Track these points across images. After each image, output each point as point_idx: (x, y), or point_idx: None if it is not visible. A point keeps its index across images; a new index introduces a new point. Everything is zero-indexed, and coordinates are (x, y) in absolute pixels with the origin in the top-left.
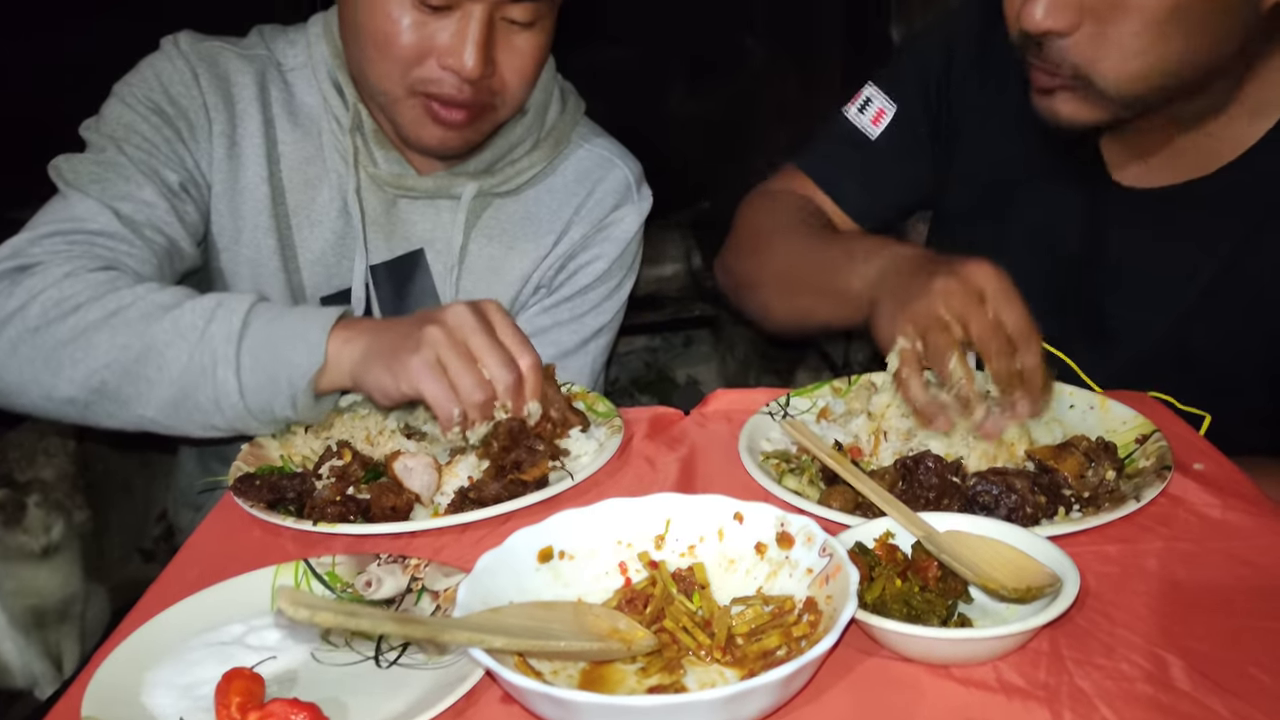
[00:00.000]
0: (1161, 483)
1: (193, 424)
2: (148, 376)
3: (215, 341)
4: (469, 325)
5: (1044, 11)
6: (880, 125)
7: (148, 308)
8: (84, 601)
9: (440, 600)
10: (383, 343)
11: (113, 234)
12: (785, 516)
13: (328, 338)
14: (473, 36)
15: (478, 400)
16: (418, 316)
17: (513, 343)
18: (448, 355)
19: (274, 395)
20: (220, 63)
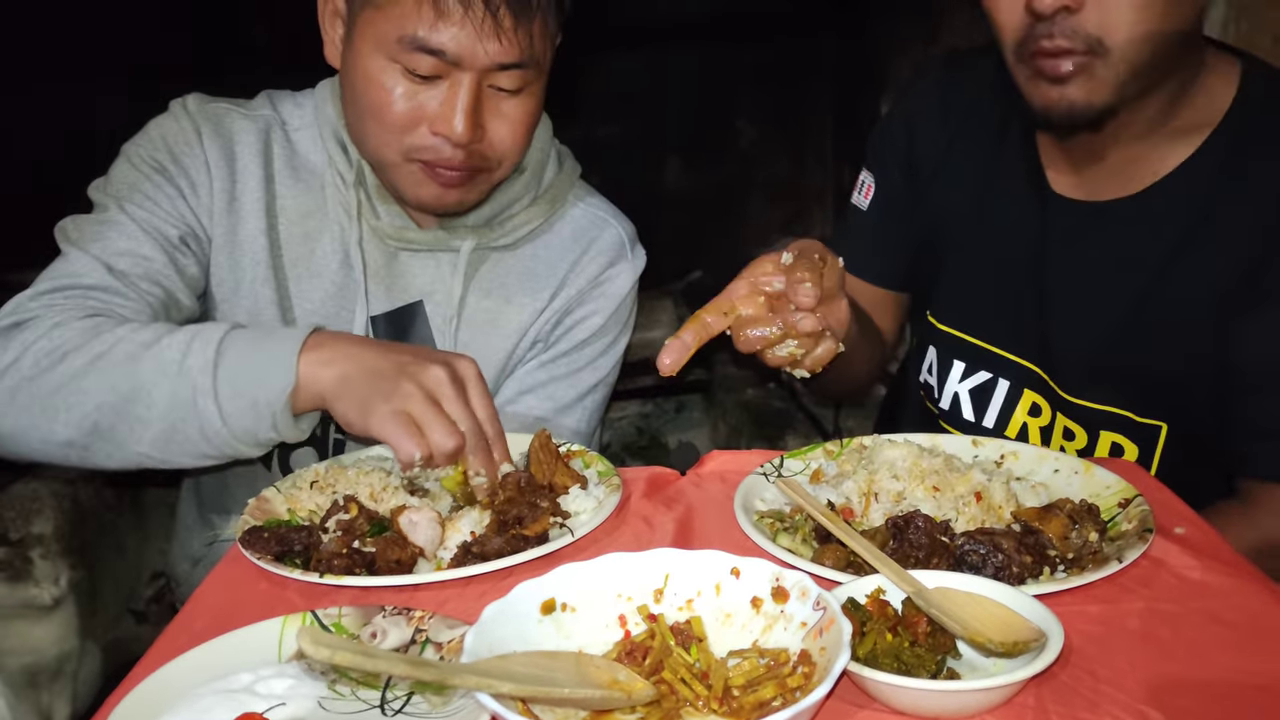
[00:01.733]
0: (1143, 545)
1: (186, 455)
2: (137, 414)
3: (193, 373)
4: (444, 391)
5: None
6: (868, 199)
7: (130, 347)
8: (78, 660)
9: (444, 651)
10: (358, 378)
11: (106, 288)
12: (780, 572)
13: (298, 358)
14: (461, 104)
15: (448, 448)
16: (395, 362)
17: (483, 413)
18: (419, 410)
19: (255, 420)
20: (224, 122)
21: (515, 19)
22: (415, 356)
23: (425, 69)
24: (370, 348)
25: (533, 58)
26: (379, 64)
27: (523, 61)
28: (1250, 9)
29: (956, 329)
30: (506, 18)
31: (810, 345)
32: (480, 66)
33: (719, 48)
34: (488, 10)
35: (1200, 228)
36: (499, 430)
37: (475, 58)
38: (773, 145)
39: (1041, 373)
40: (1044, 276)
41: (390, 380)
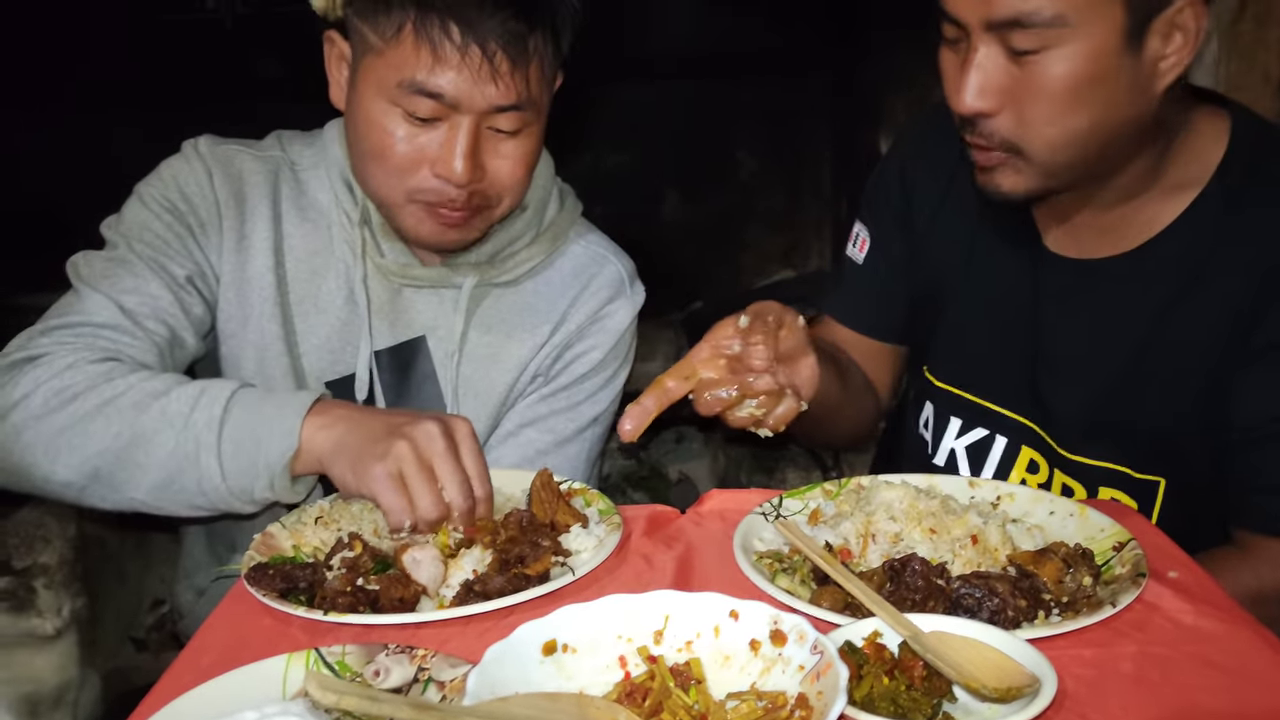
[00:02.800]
0: (1137, 589)
1: (179, 505)
2: (138, 462)
3: (198, 429)
4: (436, 446)
5: (972, 96)
6: (863, 253)
7: (138, 396)
8: (78, 689)
9: (446, 690)
10: (353, 440)
11: (116, 326)
12: (778, 615)
13: (302, 424)
14: (460, 146)
15: (431, 519)
16: (388, 423)
17: (474, 470)
18: (410, 471)
19: (253, 479)
20: (235, 163)
21: (512, 63)
22: (410, 417)
23: (425, 112)
24: (370, 413)
25: (529, 100)
26: (380, 107)
27: (519, 104)
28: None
29: (953, 385)
30: (503, 62)
31: (770, 405)
32: (478, 109)
33: (718, 83)
34: (484, 55)
35: (1194, 284)
36: (488, 492)
37: (473, 101)
38: (771, 178)
39: (1038, 429)
40: (1039, 334)
41: (383, 441)
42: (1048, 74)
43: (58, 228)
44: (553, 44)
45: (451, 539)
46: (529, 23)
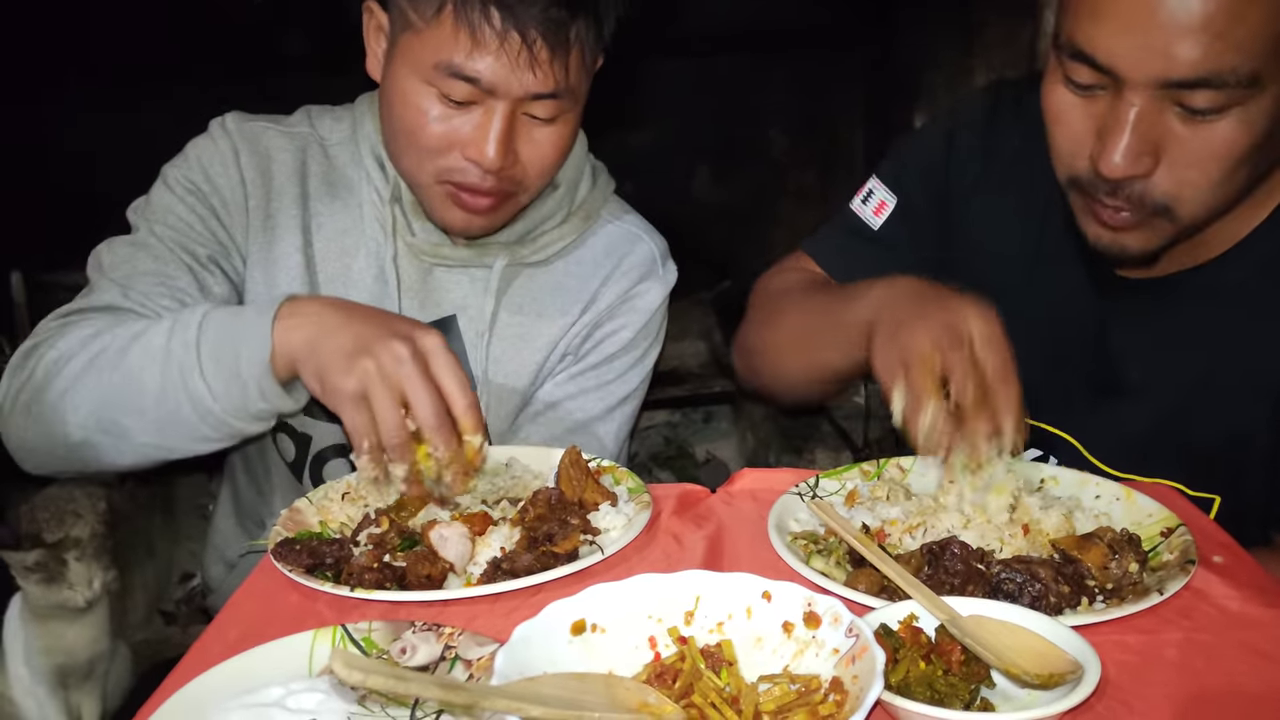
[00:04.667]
0: (1185, 576)
1: (189, 439)
2: (135, 405)
3: (178, 355)
4: (404, 368)
5: (1125, 160)
6: (881, 217)
7: (122, 342)
8: (109, 660)
9: (473, 668)
10: (323, 348)
11: (119, 307)
12: (812, 597)
13: (273, 325)
14: (495, 131)
15: (395, 443)
16: (357, 336)
17: (450, 385)
18: (376, 391)
19: (242, 392)
20: (262, 140)
21: (551, 51)
22: (380, 331)
23: (460, 95)
24: (340, 313)
25: (567, 89)
26: (415, 86)
27: (557, 92)
28: None
29: None
30: (542, 49)
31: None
32: (514, 95)
33: (751, 60)
34: (524, 42)
35: (1272, 296)
36: (471, 400)
37: (510, 87)
38: (804, 156)
39: (1085, 451)
40: (1104, 356)
41: (350, 357)
42: (1223, 137)
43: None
44: (594, 31)
45: (433, 461)
46: (571, 10)
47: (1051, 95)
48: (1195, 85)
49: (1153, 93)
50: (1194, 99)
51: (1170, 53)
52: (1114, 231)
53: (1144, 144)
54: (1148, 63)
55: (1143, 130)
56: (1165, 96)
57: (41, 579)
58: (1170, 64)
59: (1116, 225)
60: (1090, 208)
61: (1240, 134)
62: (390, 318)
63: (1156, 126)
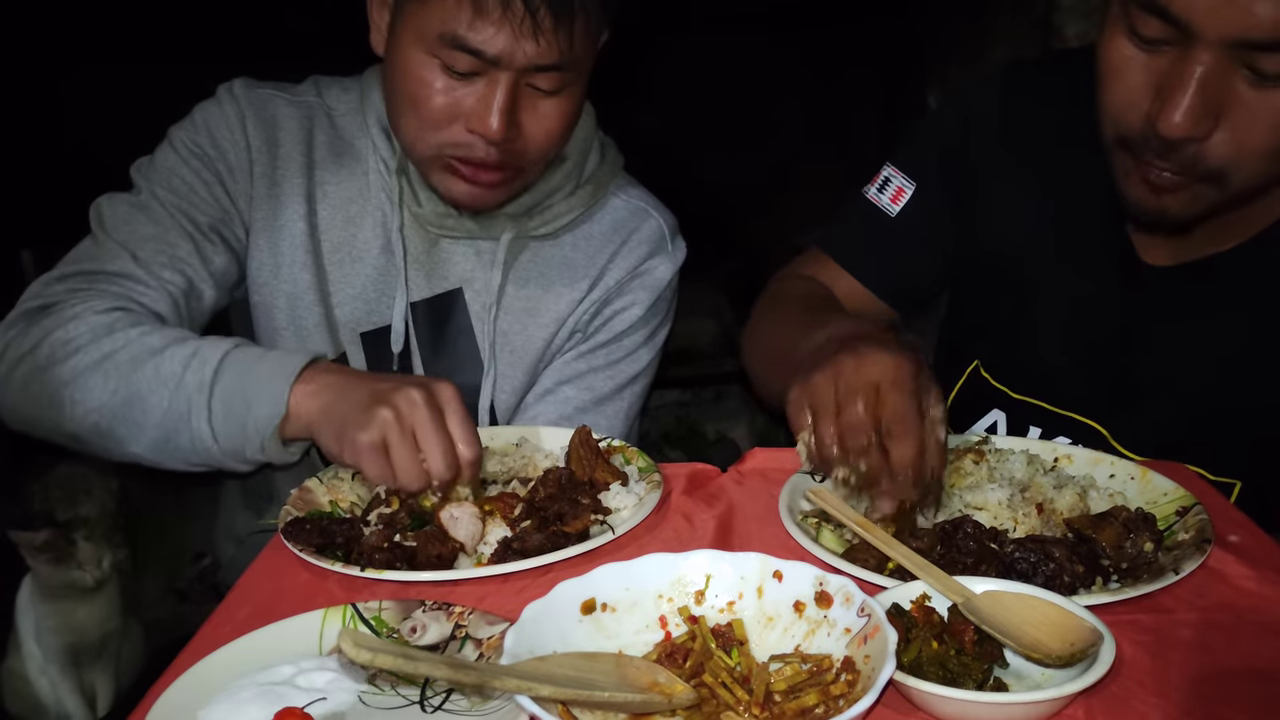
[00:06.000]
0: (1201, 556)
1: (177, 461)
2: (134, 420)
3: (189, 390)
4: (419, 413)
5: (1186, 121)
6: (900, 203)
7: (136, 351)
8: (120, 639)
9: (484, 648)
10: (339, 408)
11: (129, 275)
12: (824, 576)
13: (290, 390)
14: (498, 103)
15: (413, 489)
16: (373, 390)
17: (460, 434)
18: (394, 439)
19: (244, 442)
20: (269, 107)
21: (555, 20)
22: (395, 383)
23: (463, 66)
24: (356, 378)
25: (572, 60)
26: (419, 58)
27: (560, 64)
28: None
29: (1030, 396)
30: (546, 19)
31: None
32: (518, 66)
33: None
34: (527, 11)
35: None
36: (475, 455)
37: (513, 58)
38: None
39: (1107, 433)
40: (1127, 343)
41: (366, 410)
42: None
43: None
44: (598, 1)
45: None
46: None
47: (1111, 47)
48: (1270, 48)
49: (1223, 52)
50: (1265, 62)
51: (1252, 9)
52: (1158, 193)
53: (1206, 105)
54: (1226, 19)
55: (1207, 91)
56: (1235, 58)
57: (50, 559)
58: (1249, 21)
59: (1162, 186)
60: (1137, 168)
61: None
62: (405, 376)
63: (1221, 88)
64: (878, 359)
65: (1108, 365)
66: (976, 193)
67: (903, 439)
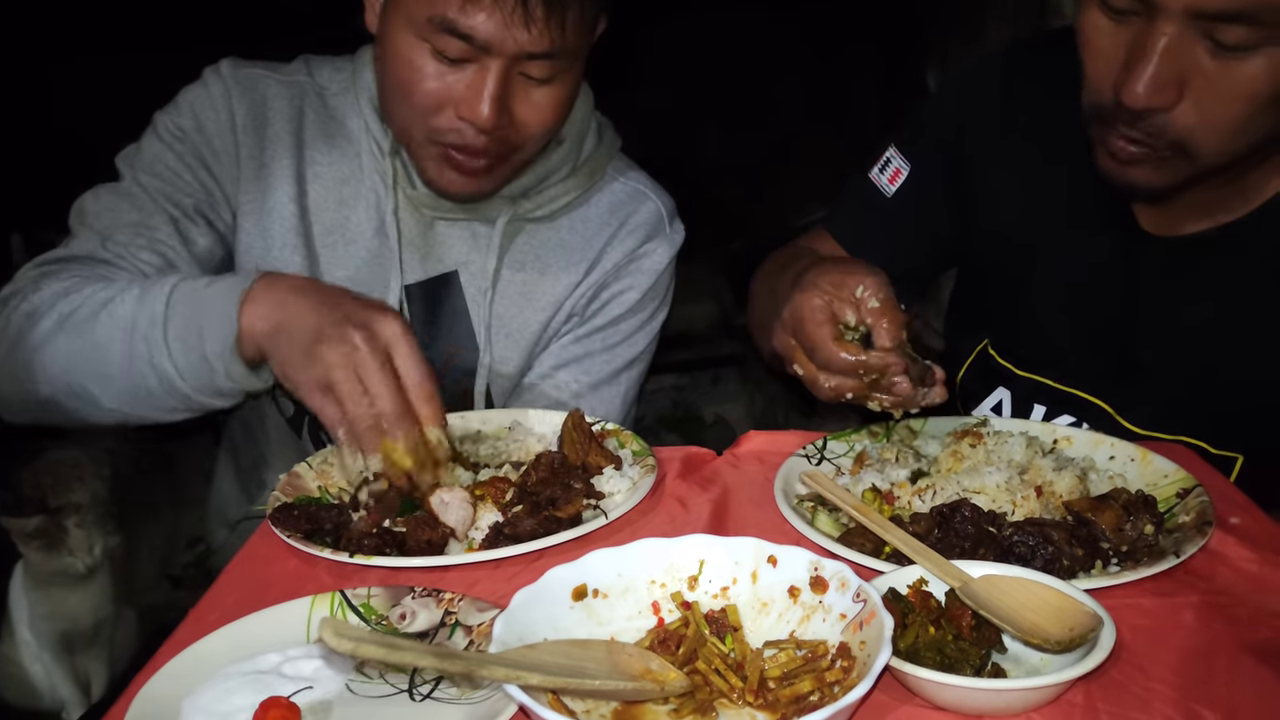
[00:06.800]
0: (1202, 538)
1: (157, 409)
2: (103, 373)
3: (143, 328)
4: (360, 354)
5: (1148, 89)
6: (896, 184)
7: (92, 306)
8: (114, 625)
9: (474, 635)
10: (287, 336)
11: (99, 258)
12: (819, 561)
13: (239, 309)
14: (489, 90)
15: (360, 429)
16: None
17: (411, 371)
18: (339, 379)
19: (209, 372)
20: (258, 87)
21: (547, 9)
22: (339, 317)
23: (454, 52)
24: (303, 297)
25: (564, 49)
26: (409, 42)
27: (552, 52)
28: None
29: (1035, 373)
30: (538, 7)
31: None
32: (509, 54)
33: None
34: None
35: None
36: (430, 391)
37: (504, 45)
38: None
39: (1111, 410)
40: (1134, 317)
41: (320, 343)
42: (1252, 75)
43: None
44: None
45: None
46: None
47: (1086, 17)
48: (1229, 19)
49: (1184, 23)
50: (1226, 33)
51: None
52: (1122, 165)
53: (1169, 75)
54: None
55: (1169, 61)
56: (1197, 29)
57: (42, 545)
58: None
59: (1125, 158)
60: (1105, 140)
61: (1268, 74)
62: (353, 304)
63: (1184, 59)
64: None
65: (1111, 340)
66: (975, 177)
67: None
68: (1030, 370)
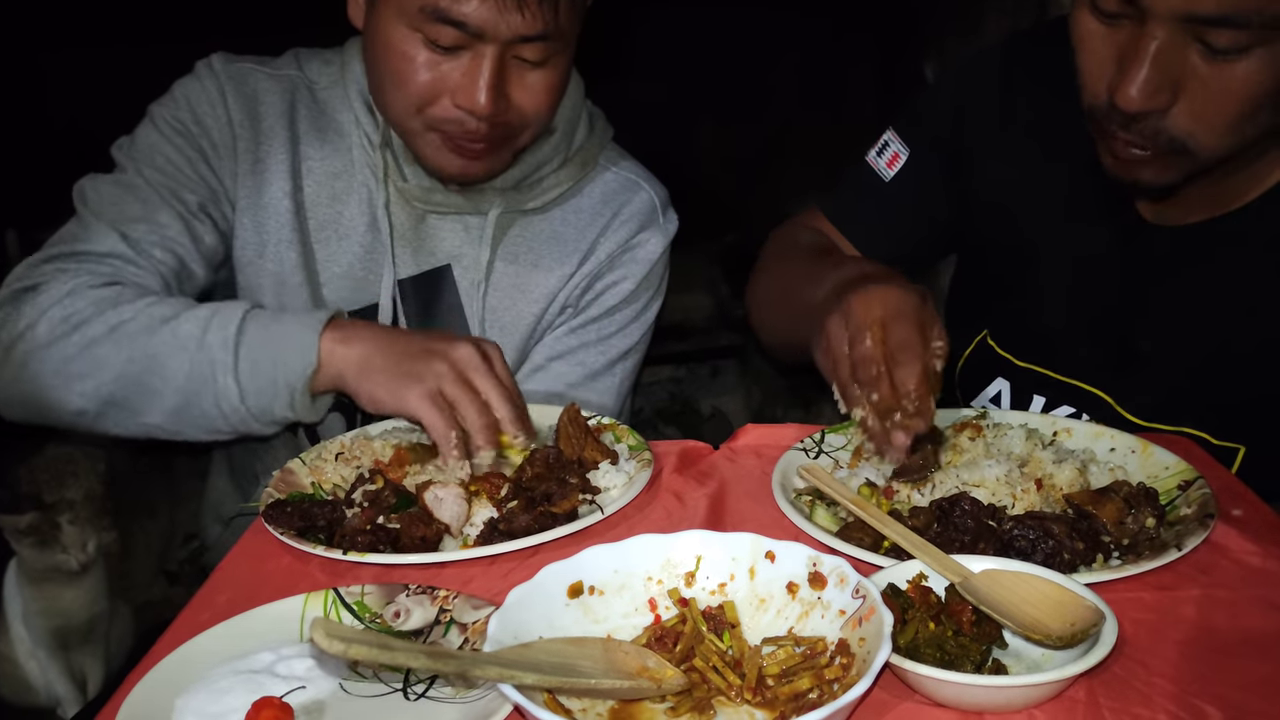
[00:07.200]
0: (1204, 531)
1: (197, 429)
2: (153, 387)
3: (213, 349)
4: (473, 364)
5: (1141, 94)
6: (894, 169)
7: (148, 320)
8: (109, 622)
9: (469, 633)
10: (383, 359)
11: (119, 255)
12: (818, 556)
13: (319, 339)
14: (484, 76)
15: (481, 425)
16: (420, 344)
17: (511, 383)
18: (450, 388)
19: (273, 397)
20: (249, 82)
21: None
22: (440, 337)
23: (447, 40)
24: (391, 331)
25: (557, 30)
26: (401, 32)
27: (546, 34)
28: None
29: (1035, 363)
30: None
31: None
32: (503, 39)
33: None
34: None
35: None
36: (525, 406)
37: (497, 30)
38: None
39: (1112, 401)
40: (1134, 307)
41: (419, 361)
42: (1245, 76)
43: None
44: None
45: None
46: None
47: (1078, 20)
48: (1218, 23)
49: (1175, 27)
50: (1216, 37)
51: None
52: (1126, 164)
53: (1162, 79)
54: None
55: (1162, 65)
56: (1188, 32)
57: (35, 542)
58: (1192, 1)
59: (1128, 159)
60: (1105, 140)
61: (1263, 75)
62: (441, 332)
63: (1177, 62)
64: (881, 295)
65: (1111, 329)
66: (974, 167)
67: (906, 364)
68: (1030, 361)
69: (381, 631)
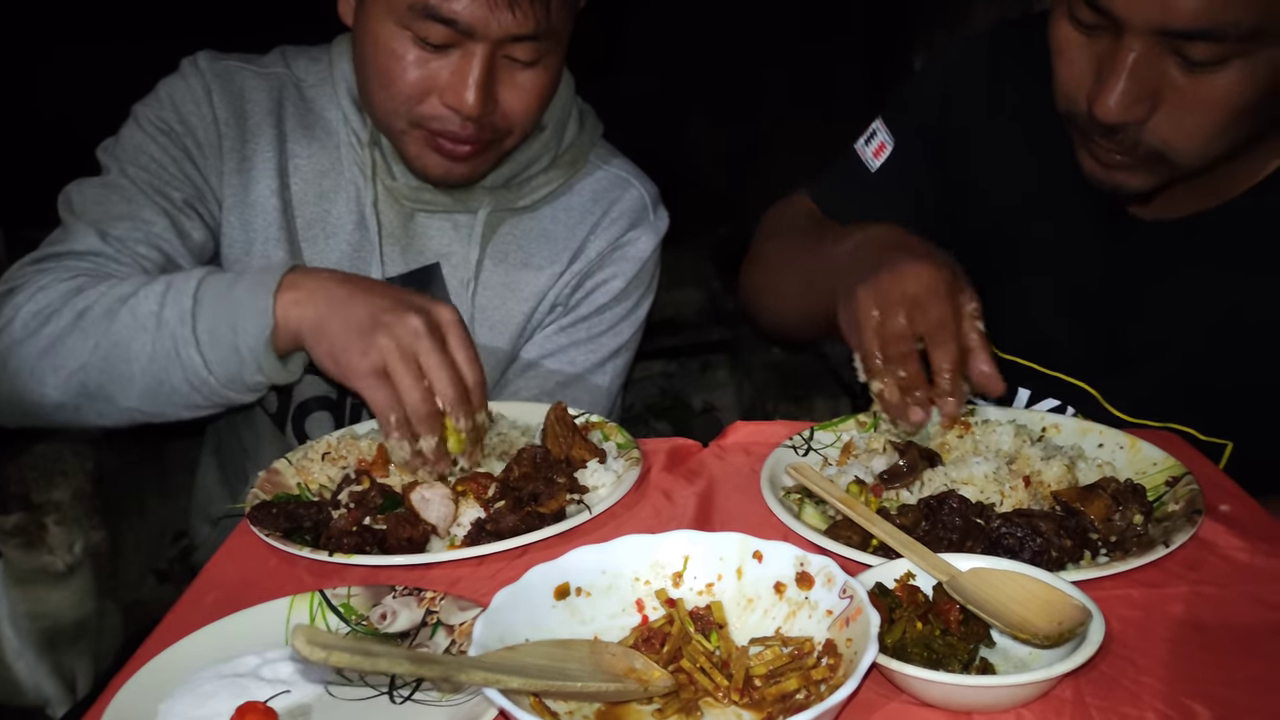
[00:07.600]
0: (1192, 528)
1: (176, 407)
2: (121, 371)
3: (172, 325)
4: (421, 343)
5: (1119, 106)
6: (880, 159)
7: (109, 303)
8: (98, 622)
9: (455, 634)
10: (334, 325)
11: (99, 252)
12: (805, 556)
13: (274, 300)
14: (474, 76)
15: (422, 414)
16: (373, 309)
17: (462, 358)
18: (395, 366)
19: (240, 365)
20: (235, 80)
21: None
22: (392, 304)
23: (437, 38)
24: (346, 287)
25: (549, 29)
26: (389, 30)
27: (537, 34)
28: None
29: (1020, 356)
30: None
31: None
32: (493, 37)
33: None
34: None
35: None
36: (480, 378)
37: (488, 28)
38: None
39: (1099, 395)
40: (1121, 300)
41: (368, 333)
42: (1224, 88)
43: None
44: None
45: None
46: None
47: (1056, 29)
48: (1194, 36)
49: (1152, 39)
50: (1193, 50)
51: (1168, 1)
52: (1106, 169)
53: (1140, 90)
54: (1148, 9)
55: (1140, 76)
56: (1165, 44)
57: (20, 543)
58: (1168, 13)
59: (1108, 164)
60: (1085, 146)
61: (1241, 86)
62: (399, 291)
63: (1154, 74)
64: (915, 271)
65: (1098, 324)
66: (961, 157)
67: (943, 344)
68: (1016, 354)
69: (367, 634)
